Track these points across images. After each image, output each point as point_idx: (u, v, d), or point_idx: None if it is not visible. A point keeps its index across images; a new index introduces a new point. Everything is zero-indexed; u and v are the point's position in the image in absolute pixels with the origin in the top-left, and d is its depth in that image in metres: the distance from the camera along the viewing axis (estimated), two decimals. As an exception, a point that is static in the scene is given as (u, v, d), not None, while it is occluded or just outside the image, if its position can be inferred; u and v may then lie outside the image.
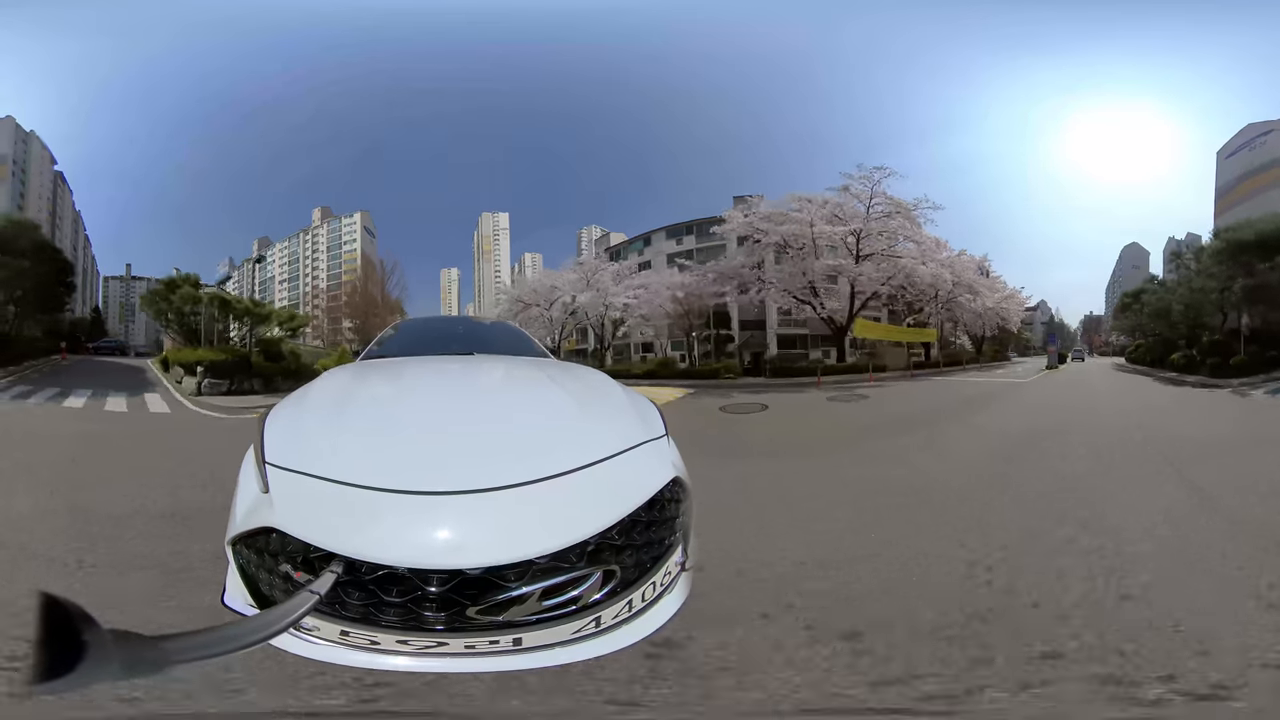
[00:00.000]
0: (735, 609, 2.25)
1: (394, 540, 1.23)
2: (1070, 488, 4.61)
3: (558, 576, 1.25)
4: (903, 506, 4.11)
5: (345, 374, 2.36)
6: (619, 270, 24.88)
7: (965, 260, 26.73)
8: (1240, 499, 4.06)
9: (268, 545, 1.31)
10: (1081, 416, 9.96)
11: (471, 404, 1.97)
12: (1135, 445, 6.83)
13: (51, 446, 6.65)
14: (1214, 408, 11.60)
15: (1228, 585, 2.66)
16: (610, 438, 1.58)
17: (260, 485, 1.41)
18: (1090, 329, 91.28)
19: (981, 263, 28.73)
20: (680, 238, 27.77)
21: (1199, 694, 1.74)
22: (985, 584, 2.66)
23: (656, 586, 1.41)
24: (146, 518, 3.53)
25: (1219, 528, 3.49)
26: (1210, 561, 2.96)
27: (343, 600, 1.21)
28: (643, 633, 1.35)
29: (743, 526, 3.45)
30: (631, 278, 24.43)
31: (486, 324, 4.91)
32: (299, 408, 1.85)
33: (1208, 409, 11.48)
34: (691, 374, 20.48)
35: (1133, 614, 2.34)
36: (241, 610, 1.34)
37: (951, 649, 1.99)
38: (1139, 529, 3.47)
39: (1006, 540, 3.27)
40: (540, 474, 1.37)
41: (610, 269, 24.95)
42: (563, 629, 1.25)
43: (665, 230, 28.30)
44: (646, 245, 29.11)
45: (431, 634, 1.21)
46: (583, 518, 1.31)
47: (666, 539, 1.46)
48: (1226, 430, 8.43)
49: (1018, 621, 2.28)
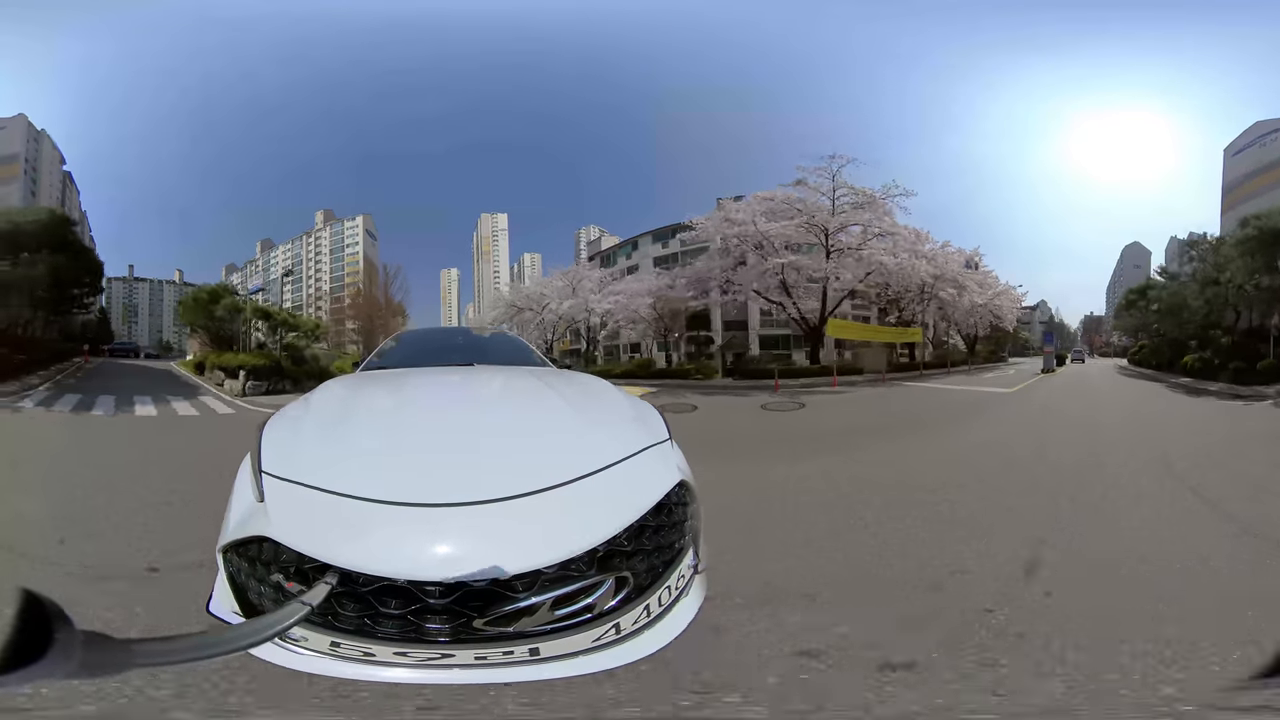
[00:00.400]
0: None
1: (393, 552, 1.22)
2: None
3: (568, 585, 1.24)
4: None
5: (345, 385, 2.37)
6: (602, 277, 26.09)
7: (950, 253, 25.20)
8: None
9: (260, 554, 1.31)
10: (1080, 452, 6.22)
11: (471, 415, 1.97)
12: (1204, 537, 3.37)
13: (189, 457, 6.55)
14: (1271, 431, 8.05)
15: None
16: (612, 445, 1.59)
17: (256, 494, 1.41)
18: (1090, 329, 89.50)
19: (971, 256, 27.06)
20: (666, 241, 28.55)
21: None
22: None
23: (672, 591, 1.41)
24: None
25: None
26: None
27: (336, 611, 1.20)
28: (665, 638, 1.35)
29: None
30: (614, 284, 25.40)
31: (486, 335, 4.92)
32: (298, 418, 1.85)
33: (1265, 435, 7.70)
34: (667, 374, 21.49)
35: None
36: (226, 618, 1.34)
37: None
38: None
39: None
40: (542, 484, 1.36)
41: (594, 275, 26.15)
42: (582, 637, 1.24)
43: (652, 234, 29.25)
44: (634, 249, 30.08)
45: (434, 645, 1.20)
46: (588, 526, 1.31)
47: (677, 543, 1.47)
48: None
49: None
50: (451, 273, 52.01)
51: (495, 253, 51.23)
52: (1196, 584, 2.74)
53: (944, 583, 2.74)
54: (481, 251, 52.23)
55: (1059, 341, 73.48)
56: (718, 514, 2.02)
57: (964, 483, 4.93)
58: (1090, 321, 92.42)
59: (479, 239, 53.85)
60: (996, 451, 6.81)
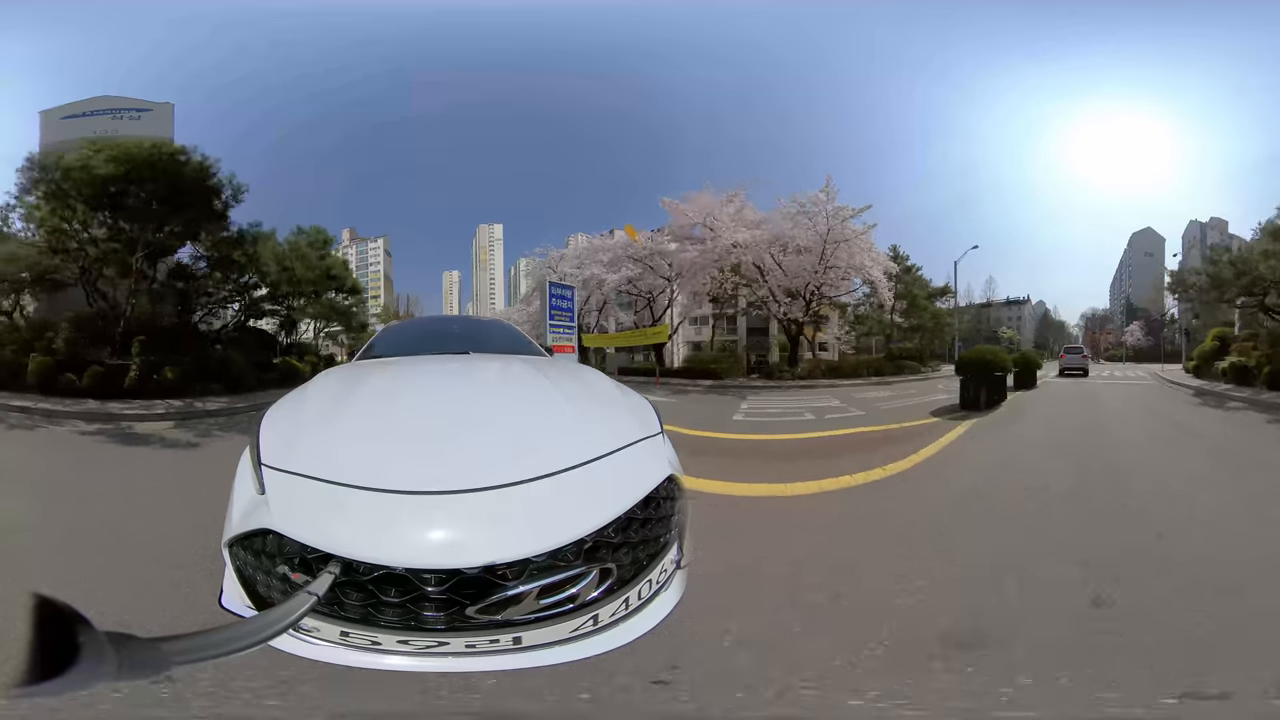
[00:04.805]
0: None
1: (390, 540, 1.23)
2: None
3: (555, 575, 1.25)
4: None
5: (341, 375, 2.35)
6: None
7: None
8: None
9: (264, 547, 1.32)
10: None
11: (467, 403, 1.97)
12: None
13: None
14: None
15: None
16: (606, 436, 1.60)
17: (256, 487, 1.42)
18: (1093, 327, 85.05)
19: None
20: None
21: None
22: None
23: (653, 584, 1.41)
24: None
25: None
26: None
27: (341, 601, 1.22)
28: (639, 630, 1.36)
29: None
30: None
31: (482, 322, 4.84)
32: (295, 409, 1.85)
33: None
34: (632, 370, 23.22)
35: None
36: (239, 612, 1.35)
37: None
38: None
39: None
40: (536, 473, 1.38)
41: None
42: (561, 627, 1.26)
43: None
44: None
45: (432, 634, 1.21)
46: (578, 516, 1.32)
47: (662, 537, 1.48)
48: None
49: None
50: (453, 274, 54.29)
51: (491, 262, 53.28)
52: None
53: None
54: (479, 261, 54.25)
55: (1055, 340, 67.08)
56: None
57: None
58: (1094, 320, 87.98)
59: (476, 248, 55.93)
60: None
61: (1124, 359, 61.91)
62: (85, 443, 6.41)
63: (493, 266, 53.76)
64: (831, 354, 31.24)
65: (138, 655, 0.83)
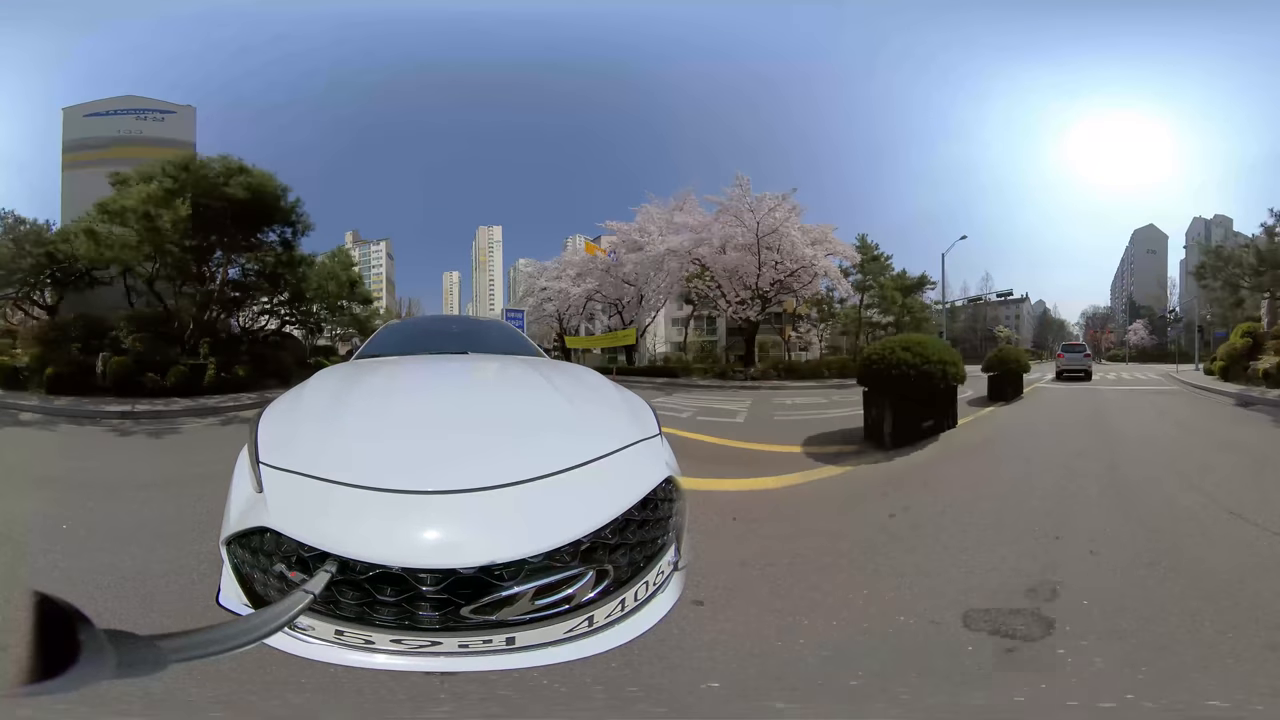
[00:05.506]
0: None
1: (386, 539, 1.23)
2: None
3: (550, 576, 1.25)
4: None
5: (339, 374, 2.34)
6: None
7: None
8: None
9: (262, 545, 1.32)
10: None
11: (464, 403, 1.97)
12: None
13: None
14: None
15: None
16: (604, 437, 1.61)
17: (254, 485, 1.42)
18: (1094, 325, 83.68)
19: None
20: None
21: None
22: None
23: (649, 586, 1.41)
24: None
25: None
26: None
27: (337, 600, 1.22)
28: (635, 632, 1.35)
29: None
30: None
31: (481, 322, 4.85)
32: (292, 408, 1.84)
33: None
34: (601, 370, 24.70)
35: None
36: (236, 610, 1.35)
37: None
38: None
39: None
40: (533, 473, 1.38)
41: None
42: (555, 628, 1.26)
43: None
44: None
45: (426, 633, 1.21)
46: (575, 517, 1.32)
47: (659, 538, 1.48)
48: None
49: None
50: (453, 275, 55.98)
51: (490, 264, 54.79)
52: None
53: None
54: (479, 262, 55.78)
55: (1054, 339, 64.89)
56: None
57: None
58: (1096, 318, 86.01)
59: (476, 250, 57.37)
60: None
61: (1127, 359, 60.47)
62: (227, 434, 7.10)
63: (492, 267, 55.34)
64: (814, 354, 30.96)
65: (136, 653, 0.84)
